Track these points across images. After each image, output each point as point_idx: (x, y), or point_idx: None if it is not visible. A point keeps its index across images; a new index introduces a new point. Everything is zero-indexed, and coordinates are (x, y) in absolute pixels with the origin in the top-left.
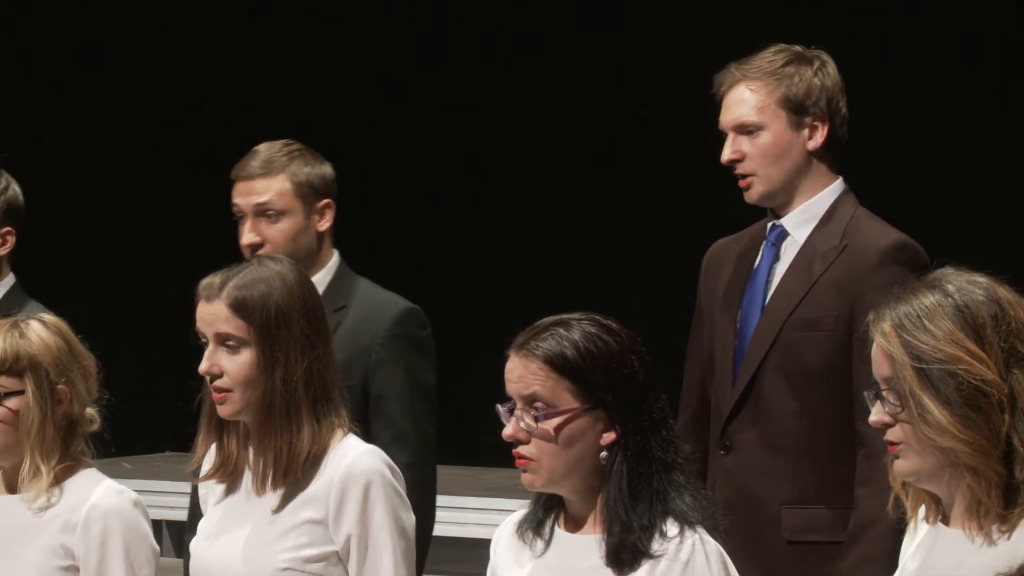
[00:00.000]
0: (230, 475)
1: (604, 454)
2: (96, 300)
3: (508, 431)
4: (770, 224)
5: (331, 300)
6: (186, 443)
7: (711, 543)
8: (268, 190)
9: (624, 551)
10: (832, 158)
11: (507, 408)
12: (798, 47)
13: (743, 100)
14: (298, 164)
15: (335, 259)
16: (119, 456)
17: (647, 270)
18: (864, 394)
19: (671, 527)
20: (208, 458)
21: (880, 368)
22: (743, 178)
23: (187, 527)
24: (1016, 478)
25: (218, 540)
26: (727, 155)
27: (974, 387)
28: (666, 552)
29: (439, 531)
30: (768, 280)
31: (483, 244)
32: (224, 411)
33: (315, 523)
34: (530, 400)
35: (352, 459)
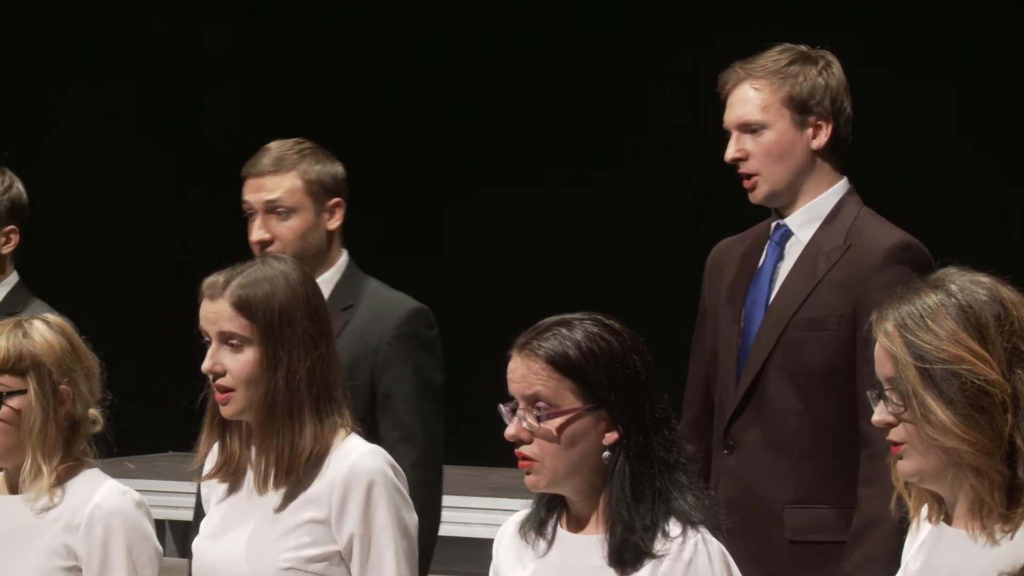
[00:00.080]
0: (232, 474)
1: (606, 454)
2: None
3: (510, 431)
4: (774, 224)
5: (339, 299)
6: (189, 443)
7: (713, 543)
8: (279, 187)
9: (626, 551)
10: (836, 158)
11: (509, 408)
12: (803, 47)
13: (747, 99)
14: (309, 162)
15: (344, 258)
16: (121, 456)
17: (647, 270)
18: (867, 394)
19: (673, 527)
20: (210, 457)
21: (883, 368)
22: (747, 178)
23: (192, 527)
24: (1019, 478)
25: (220, 539)
26: (731, 154)
27: (977, 387)
28: (668, 552)
29: (443, 531)
30: (772, 279)
31: (483, 244)
32: (227, 411)
33: (317, 523)
34: (532, 400)
35: (355, 459)
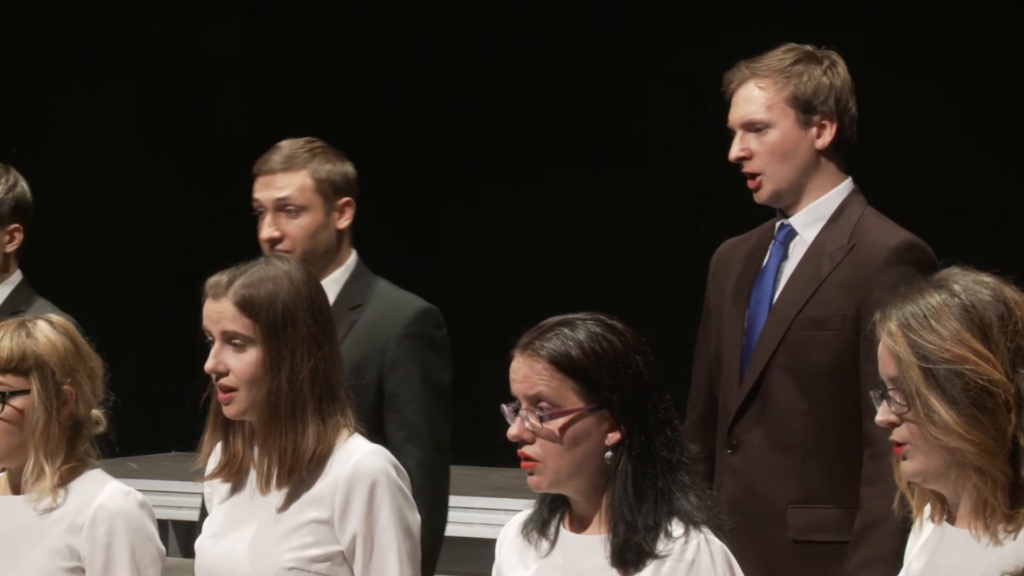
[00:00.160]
0: (235, 474)
1: (609, 454)
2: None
3: (513, 431)
4: (778, 223)
5: (348, 298)
6: (192, 443)
7: (716, 543)
8: (289, 185)
9: (629, 551)
10: (841, 158)
11: (512, 408)
12: (809, 46)
13: (752, 98)
14: (319, 161)
15: (353, 258)
16: (124, 456)
17: (648, 270)
18: (870, 393)
19: (676, 527)
20: (213, 457)
21: (886, 368)
22: (752, 177)
23: (198, 528)
24: (1022, 478)
25: (223, 539)
26: (735, 152)
27: (980, 387)
28: (671, 552)
29: (445, 531)
30: (776, 279)
31: (484, 244)
32: (229, 410)
33: (320, 523)
34: (535, 400)
35: (358, 459)
